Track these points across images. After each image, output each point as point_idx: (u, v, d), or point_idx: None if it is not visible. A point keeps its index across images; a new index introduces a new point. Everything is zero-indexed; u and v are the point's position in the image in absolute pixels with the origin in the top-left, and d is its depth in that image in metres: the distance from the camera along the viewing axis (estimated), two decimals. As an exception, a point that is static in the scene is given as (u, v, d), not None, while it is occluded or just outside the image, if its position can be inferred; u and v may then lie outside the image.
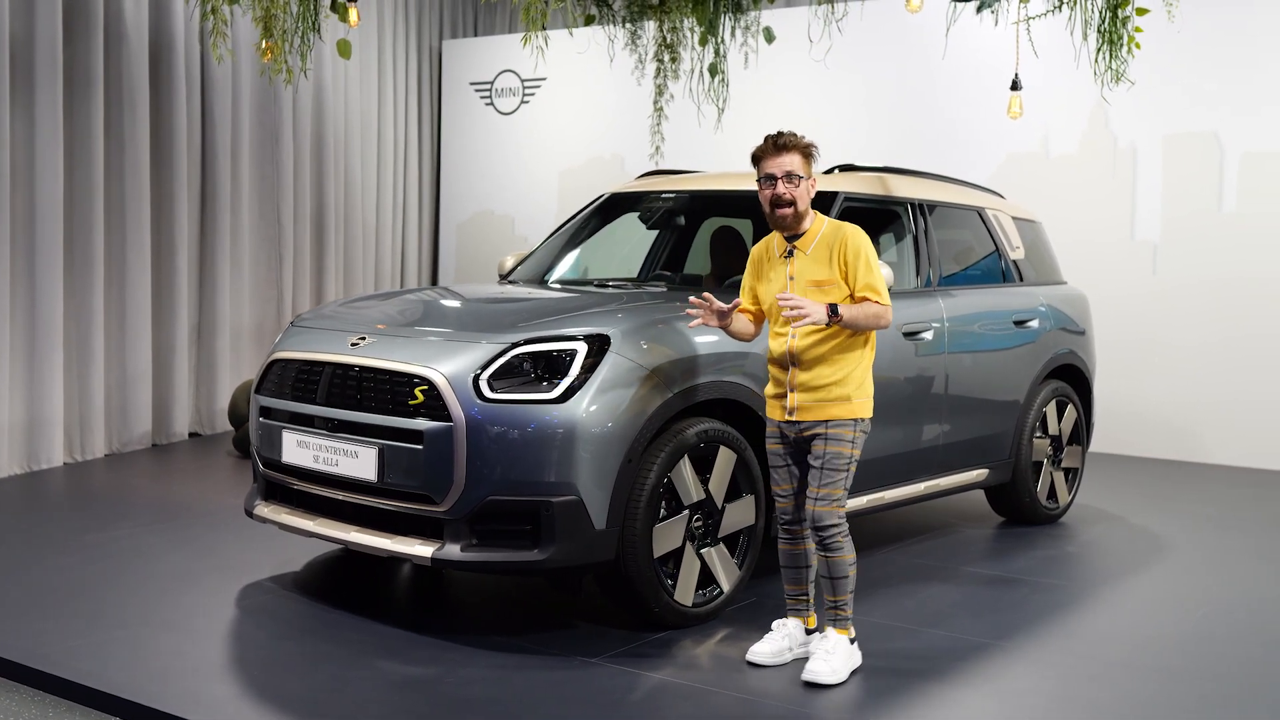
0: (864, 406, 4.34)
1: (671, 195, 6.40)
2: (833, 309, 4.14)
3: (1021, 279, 6.83)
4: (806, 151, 4.33)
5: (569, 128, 11.41)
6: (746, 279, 4.54)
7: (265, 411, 5.03)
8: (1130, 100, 8.95)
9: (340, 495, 4.72)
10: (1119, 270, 9.15)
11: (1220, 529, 6.84)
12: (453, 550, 4.42)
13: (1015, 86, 6.47)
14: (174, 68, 8.66)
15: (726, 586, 4.86)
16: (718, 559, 4.82)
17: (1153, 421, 9.07)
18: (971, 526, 6.68)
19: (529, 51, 6.35)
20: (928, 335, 5.82)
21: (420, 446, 4.43)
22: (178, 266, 8.78)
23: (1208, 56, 8.80)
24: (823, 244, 4.33)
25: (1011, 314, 6.43)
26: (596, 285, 5.85)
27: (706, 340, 4.80)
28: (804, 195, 4.29)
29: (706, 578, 4.82)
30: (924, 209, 6.15)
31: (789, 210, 4.29)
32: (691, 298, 4.44)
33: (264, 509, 5.08)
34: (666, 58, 7.80)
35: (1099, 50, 5.89)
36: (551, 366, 4.48)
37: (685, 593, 4.71)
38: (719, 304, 4.37)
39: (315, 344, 4.95)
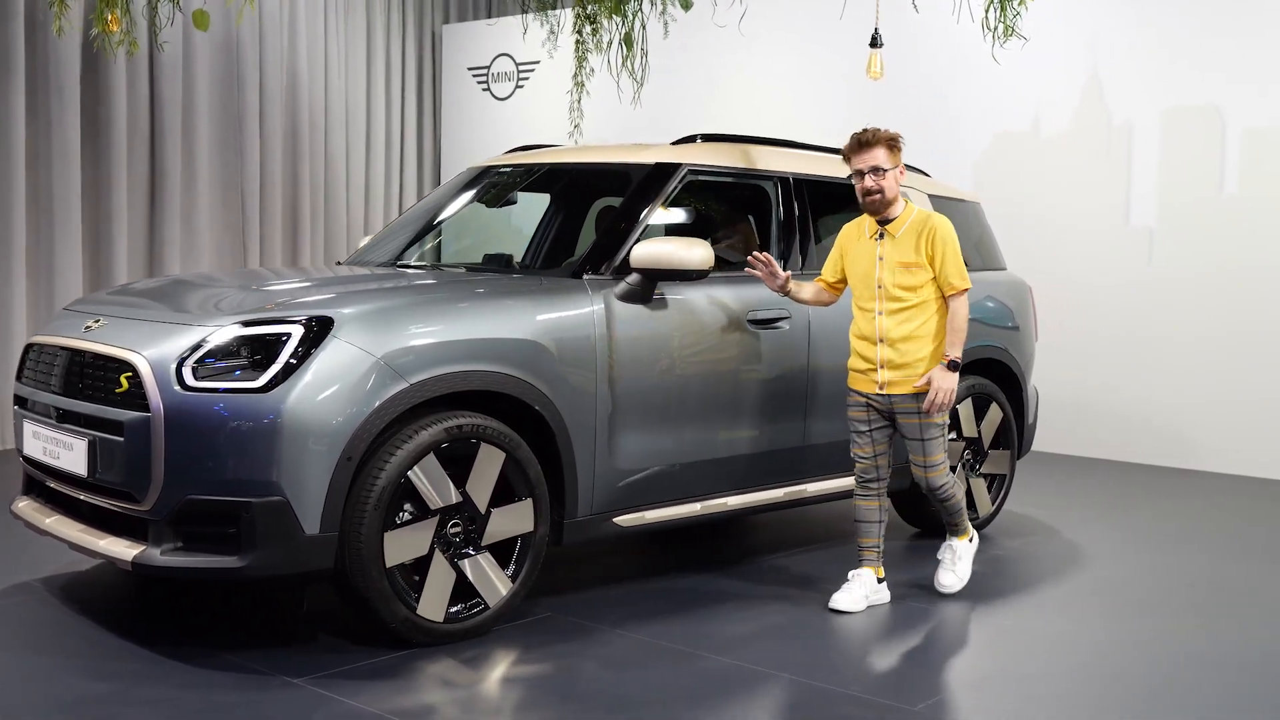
0: None
1: (545, 168, 5.87)
2: (951, 365, 4.67)
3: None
4: (890, 144, 4.70)
5: (561, 112, 10.92)
6: (834, 254, 4.95)
7: (16, 399, 4.69)
8: (1126, 71, 8.21)
9: (67, 490, 4.36)
10: (1112, 259, 8.34)
11: (1164, 547, 6.07)
12: (153, 554, 4.00)
13: (875, 43, 5.78)
14: (109, 49, 8.41)
15: (493, 600, 4.35)
16: (480, 569, 4.31)
17: (1144, 424, 8.24)
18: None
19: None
20: (784, 324, 5.22)
21: (121, 439, 4.02)
22: (116, 256, 8.55)
23: (1208, 21, 7.94)
24: (911, 230, 4.71)
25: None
26: (424, 267, 5.39)
27: (464, 326, 4.30)
28: (891, 184, 4.69)
29: (469, 590, 4.32)
30: (797, 185, 5.53)
31: (877, 198, 4.69)
32: (752, 255, 4.88)
33: (19, 504, 4.73)
34: (587, 29, 7.29)
35: (989, 4, 5.21)
36: (268, 353, 4.02)
37: (434, 607, 4.21)
38: (776, 267, 4.86)
39: (62, 328, 4.58)
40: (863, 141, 4.69)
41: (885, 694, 3.93)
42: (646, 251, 4.71)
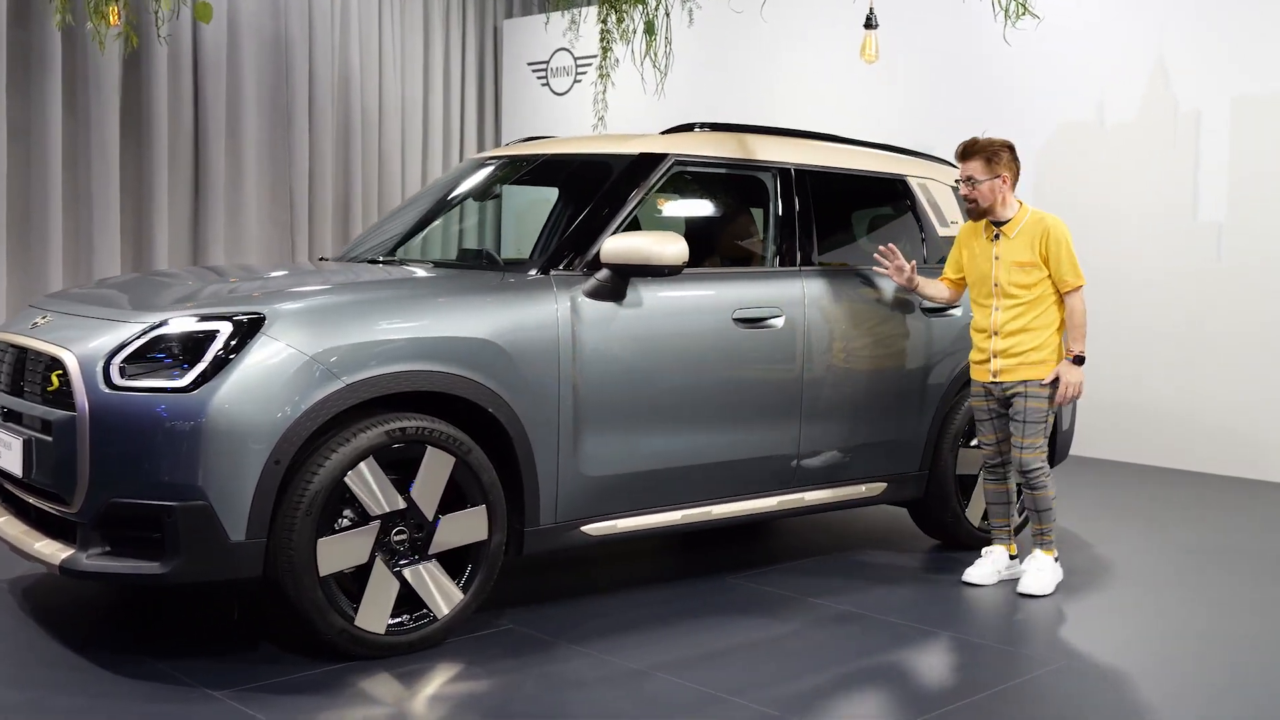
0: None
1: (539, 159, 5.64)
2: (1077, 359, 4.91)
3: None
4: (987, 156, 4.93)
5: (617, 106, 10.70)
6: (954, 252, 5.22)
7: (-28, 399, 4.62)
8: (1195, 56, 7.73)
9: (16, 491, 4.26)
10: (1178, 255, 7.86)
11: (1205, 565, 5.62)
12: (80, 558, 3.86)
13: (869, 25, 5.43)
14: (149, 43, 8.40)
15: (440, 612, 4.14)
16: (422, 579, 4.09)
17: (1210, 430, 7.73)
18: (895, 550, 5.69)
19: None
20: (776, 322, 4.94)
21: (50, 439, 3.91)
22: (157, 254, 8.57)
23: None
24: (1025, 231, 4.93)
25: (920, 300, 5.42)
26: (402, 263, 5.20)
27: (407, 324, 4.09)
28: (984, 194, 4.94)
29: (419, 601, 4.11)
30: (799, 176, 5.22)
31: (974, 206, 4.99)
32: (880, 246, 5.14)
33: (-20, 508, 4.65)
34: (611, 18, 7.06)
35: (998, -19, 4.86)
36: (196, 351, 3.86)
37: (373, 618, 4.01)
38: (902, 260, 5.12)
39: (15, 324, 4.50)
40: (960, 153, 5.00)
41: (838, 724, 3.64)
42: (617, 246, 4.47)
